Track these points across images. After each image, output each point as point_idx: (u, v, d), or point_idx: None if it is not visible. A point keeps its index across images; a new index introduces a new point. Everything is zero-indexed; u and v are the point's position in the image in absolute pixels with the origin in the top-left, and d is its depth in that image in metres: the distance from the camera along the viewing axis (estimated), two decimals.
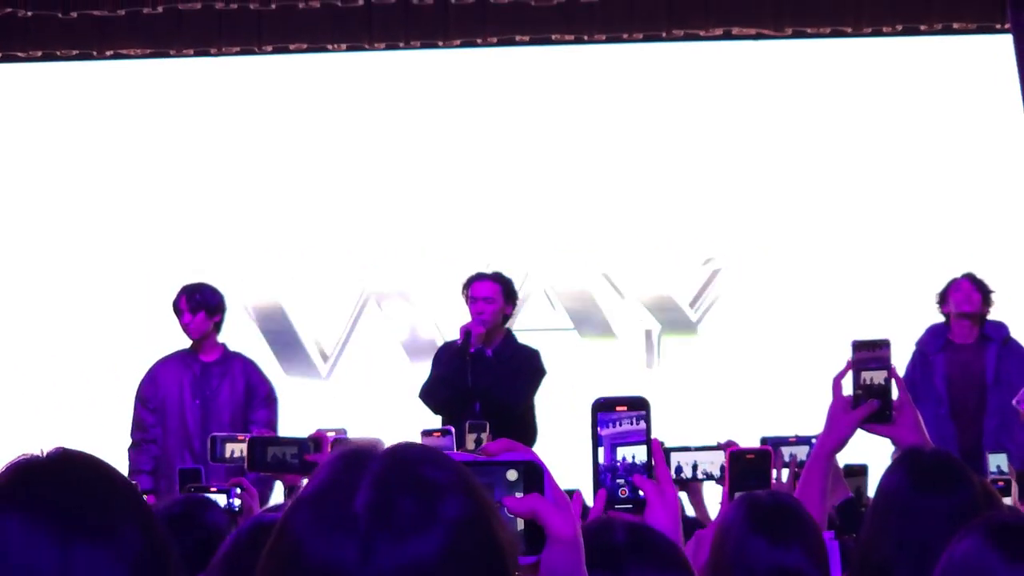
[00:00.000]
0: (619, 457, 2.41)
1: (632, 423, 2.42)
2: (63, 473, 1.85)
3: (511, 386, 7.41)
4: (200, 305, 7.73)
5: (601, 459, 2.41)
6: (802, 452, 5.21)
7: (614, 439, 2.42)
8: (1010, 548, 3.09)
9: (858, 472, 5.56)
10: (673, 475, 5.46)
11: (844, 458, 4.58)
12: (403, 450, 1.48)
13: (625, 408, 2.43)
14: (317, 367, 9.89)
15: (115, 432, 7.90)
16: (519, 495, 1.67)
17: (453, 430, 4.69)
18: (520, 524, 1.66)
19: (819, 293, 9.66)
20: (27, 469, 1.88)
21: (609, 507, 2.42)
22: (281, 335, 9.91)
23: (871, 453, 4.94)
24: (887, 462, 3.50)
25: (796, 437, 5.34)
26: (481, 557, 1.45)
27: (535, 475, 1.68)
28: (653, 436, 2.43)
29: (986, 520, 3.14)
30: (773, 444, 5.33)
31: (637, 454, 2.41)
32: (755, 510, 3.12)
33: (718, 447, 5.42)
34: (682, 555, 2.27)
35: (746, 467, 3.99)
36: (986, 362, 8.14)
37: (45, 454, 1.90)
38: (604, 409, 2.43)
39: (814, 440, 5.11)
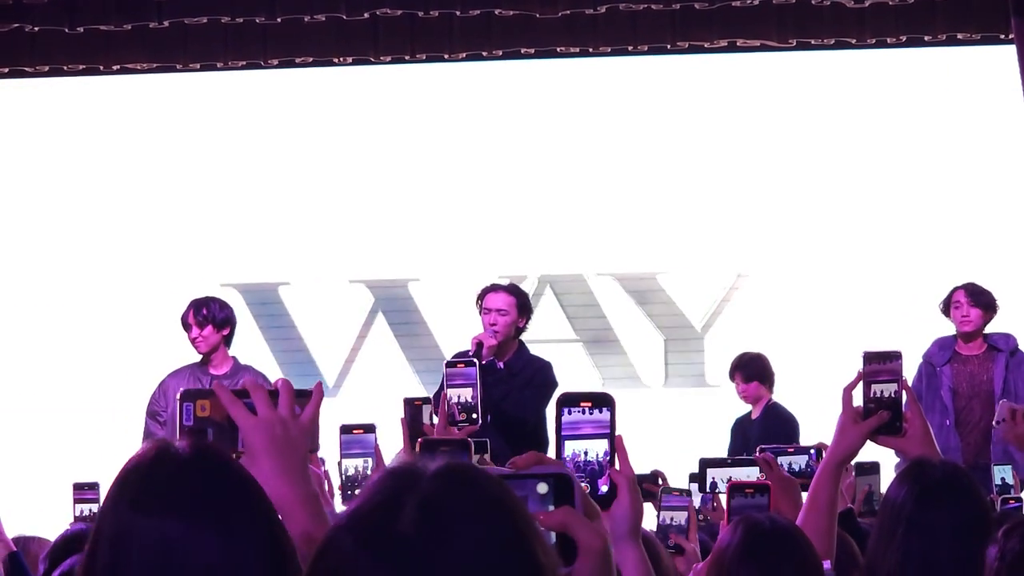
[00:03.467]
0: (582, 451, 2.41)
1: (595, 417, 2.42)
2: (208, 471, 1.89)
3: (522, 399, 7.40)
4: (207, 319, 7.75)
5: (565, 453, 2.42)
6: (800, 462, 5.19)
7: (578, 434, 2.42)
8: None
9: (870, 470, 5.56)
10: (708, 491, 5.44)
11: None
12: (453, 471, 1.48)
13: (589, 404, 2.43)
14: (325, 382, 9.90)
15: (127, 445, 7.90)
16: (551, 508, 1.70)
17: (375, 425, 4.72)
18: (552, 536, 1.69)
19: (828, 304, 9.67)
20: (170, 466, 1.90)
21: None
22: (290, 352, 9.92)
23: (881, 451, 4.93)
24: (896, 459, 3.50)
25: (795, 447, 5.33)
26: None
27: (566, 487, 1.72)
28: (617, 432, 2.43)
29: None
30: (772, 453, 5.32)
31: (601, 448, 2.41)
32: (752, 534, 3.11)
33: (752, 460, 5.35)
34: None
35: (744, 500, 3.97)
36: (994, 373, 8.15)
37: (184, 450, 1.93)
38: (568, 404, 2.44)
39: (812, 450, 5.13)
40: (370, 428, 4.54)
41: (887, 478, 4.45)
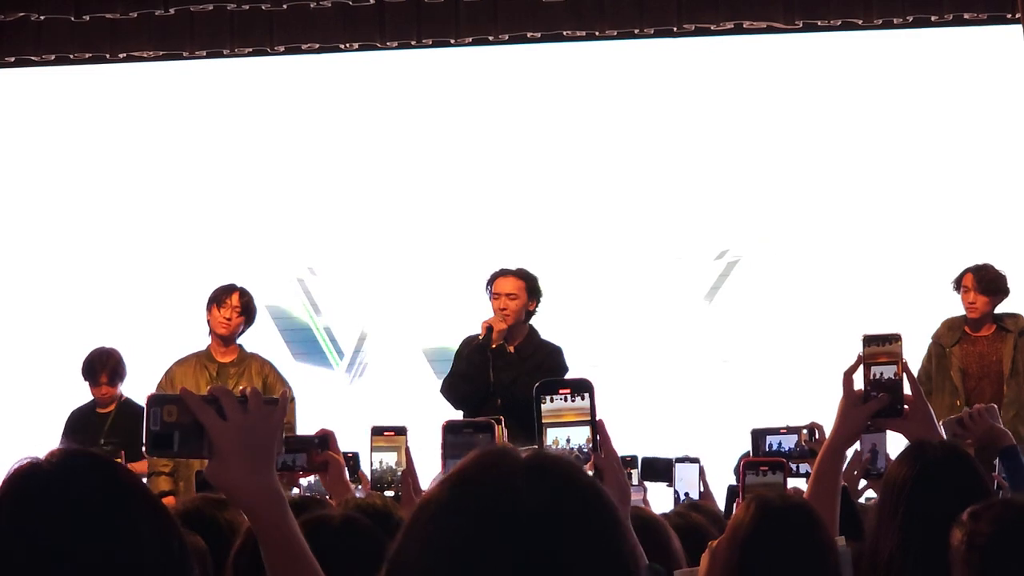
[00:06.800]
0: (564, 438, 2.40)
1: (576, 404, 2.42)
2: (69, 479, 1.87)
3: (532, 383, 7.38)
4: (246, 309, 7.76)
5: (546, 440, 2.41)
6: (790, 442, 5.18)
7: (559, 420, 2.41)
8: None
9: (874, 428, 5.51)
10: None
11: None
12: (549, 460, 1.58)
13: (569, 391, 2.42)
14: (333, 365, 9.91)
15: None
16: None
17: (406, 428, 4.62)
18: None
19: (831, 286, 9.66)
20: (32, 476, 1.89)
21: None
22: (298, 332, 9.94)
23: None
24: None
25: (787, 427, 5.32)
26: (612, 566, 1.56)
27: None
28: (599, 417, 2.42)
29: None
30: (763, 434, 5.30)
31: (583, 435, 2.40)
32: (764, 512, 3.10)
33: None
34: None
35: (756, 478, 3.97)
36: (1003, 353, 8.14)
37: (49, 460, 1.91)
38: (547, 391, 2.43)
39: (804, 431, 5.11)
40: (401, 431, 4.54)
41: (891, 440, 4.45)
